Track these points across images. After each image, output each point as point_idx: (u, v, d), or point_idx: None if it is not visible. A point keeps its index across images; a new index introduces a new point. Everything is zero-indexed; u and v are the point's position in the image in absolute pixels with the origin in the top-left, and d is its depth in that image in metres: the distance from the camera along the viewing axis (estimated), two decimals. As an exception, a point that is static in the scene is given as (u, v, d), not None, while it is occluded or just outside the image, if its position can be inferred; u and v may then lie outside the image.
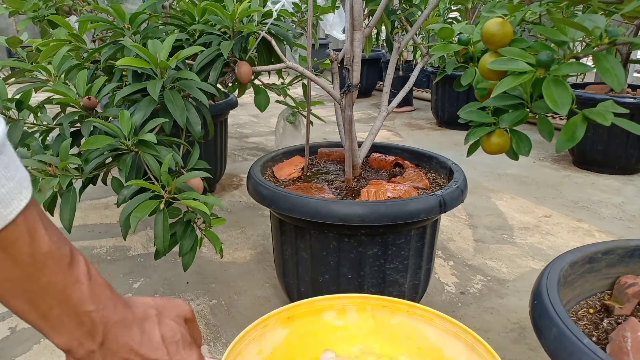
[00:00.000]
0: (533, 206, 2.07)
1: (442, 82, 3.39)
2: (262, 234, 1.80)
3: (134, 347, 0.41)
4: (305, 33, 1.50)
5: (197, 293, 1.41)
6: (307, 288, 1.18)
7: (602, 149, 2.42)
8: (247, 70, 1.11)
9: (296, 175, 1.30)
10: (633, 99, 2.28)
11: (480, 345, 0.67)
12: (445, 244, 1.74)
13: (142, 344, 0.41)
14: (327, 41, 5.91)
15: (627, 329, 0.70)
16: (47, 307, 0.36)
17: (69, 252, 0.37)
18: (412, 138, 3.23)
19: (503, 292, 1.43)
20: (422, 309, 0.76)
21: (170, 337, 0.44)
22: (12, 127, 0.97)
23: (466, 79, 0.96)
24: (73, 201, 0.93)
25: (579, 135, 0.69)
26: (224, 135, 2.17)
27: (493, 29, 0.76)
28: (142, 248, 1.69)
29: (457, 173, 1.20)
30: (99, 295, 0.39)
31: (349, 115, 1.18)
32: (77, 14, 1.60)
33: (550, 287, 0.71)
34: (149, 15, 1.18)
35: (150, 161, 0.93)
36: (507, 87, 0.68)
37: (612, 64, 0.64)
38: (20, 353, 1.16)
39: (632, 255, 0.85)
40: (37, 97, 3.60)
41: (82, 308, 0.37)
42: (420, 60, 1.32)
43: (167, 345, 0.43)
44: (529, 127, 1.29)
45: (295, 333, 0.76)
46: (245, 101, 4.10)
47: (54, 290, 0.36)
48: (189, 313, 0.47)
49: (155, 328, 0.43)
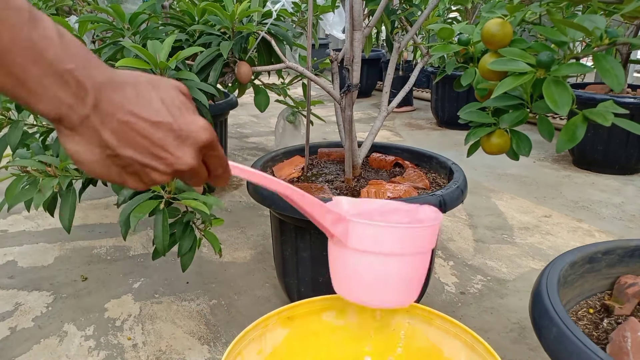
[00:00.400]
0: (533, 206, 2.07)
1: (442, 82, 3.39)
2: (262, 234, 1.80)
3: (133, 109, 0.37)
4: (305, 33, 1.50)
5: (197, 293, 1.41)
6: (307, 288, 1.18)
7: (602, 149, 2.42)
8: (247, 71, 1.11)
9: (296, 175, 1.30)
10: (633, 99, 2.28)
11: (480, 345, 0.67)
12: (445, 244, 1.74)
13: (140, 105, 0.37)
14: (327, 41, 5.91)
15: (627, 329, 0.70)
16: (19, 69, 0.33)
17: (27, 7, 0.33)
18: (412, 138, 3.23)
19: (503, 292, 1.43)
20: (422, 309, 0.76)
21: (170, 100, 0.39)
22: (12, 128, 0.97)
23: (466, 80, 0.96)
24: (73, 201, 0.93)
25: (579, 136, 0.69)
26: (224, 135, 2.17)
27: (493, 30, 0.76)
28: (142, 248, 1.69)
29: (457, 173, 1.20)
30: (77, 54, 0.35)
31: (349, 115, 1.18)
32: (77, 14, 1.60)
33: (550, 287, 0.71)
34: (149, 15, 1.18)
35: (151, 161, 0.93)
36: (507, 88, 0.68)
37: (611, 64, 0.64)
38: (20, 353, 1.16)
39: (632, 255, 0.85)
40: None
41: (60, 66, 0.34)
42: (420, 60, 1.32)
43: (169, 108, 0.39)
44: (529, 127, 1.29)
45: (295, 333, 0.76)
46: (245, 101, 4.10)
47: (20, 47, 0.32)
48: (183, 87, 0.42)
49: (151, 90, 0.39)
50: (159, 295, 1.40)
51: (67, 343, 1.20)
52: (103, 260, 1.60)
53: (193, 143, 0.40)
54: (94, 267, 1.56)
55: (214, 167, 0.44)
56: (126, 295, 1.40)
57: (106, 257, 1.63)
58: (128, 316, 1.31)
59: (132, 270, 1.54)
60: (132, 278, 1.49)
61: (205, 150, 0.42)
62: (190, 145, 0.40)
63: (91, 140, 0.37)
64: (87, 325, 1.27)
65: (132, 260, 1.61)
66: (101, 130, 0.37)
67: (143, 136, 0.38)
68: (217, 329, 1.26)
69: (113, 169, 0.39)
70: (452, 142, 3.11)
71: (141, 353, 1.16)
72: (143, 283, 1.47)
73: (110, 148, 0.37)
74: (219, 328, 1.26)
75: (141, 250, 1.67)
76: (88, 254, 1.65)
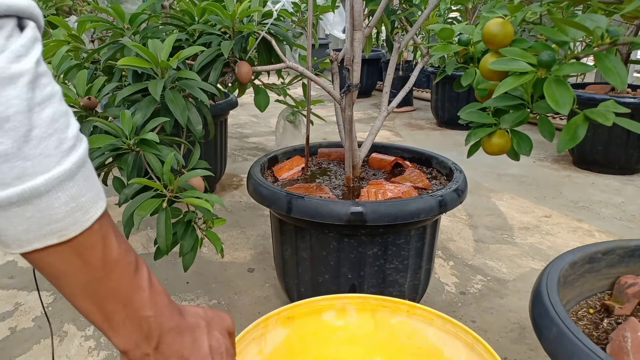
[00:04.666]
0: (533, 206, 2.07)
1: (442, 82, 3.39)
2: (262, 234, 1.80)
3: (185, 354, 0.43)
4: (305, 33, 1.50)
5: (197, 293, 1.41)
6: (307, 288, 1.18)
7: (602, 149, 2.42)
8: (247, 70, 1.11)
9: (296, 175, 1.30)
10: (633, 99, 2.28)
11: (480, 345, 0.67)
12: (445, 244, 1.74)
13: (192, 351, 0.44)
14: (327, 41, 5.91)
15: (627, 329, 0.70)
16: (111, 310, 0.38)
17: (134, 260, 0.40)
18: (412, 138, 3.23)
19: (503, 292, 1.43)
20: (422, 309, 0.76)
21: (217, 348, 0.46)
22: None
23: (466, 80, 0.95)
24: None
25: (580, 135, 0.69)
26: (224, 135, 2.17)
27: (494, 29, 0.76)
28: (142, 248, 1.69)
29: (457, 173, 1.20)
30: (158, 302, 0.42)
31: (349, 115, 1.18)
32: (77, 14, 1.60)
33: (550, 287, 0.71)
34: (149, 15, 1.18)
35: (152, 160, 0.93)
36: (508, 88, 0.68)
37: (613, 62, 0.64)
38: (20, 353, 1.16)
39: (632, 255, 0.85)
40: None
41: (142, 312, 0.40)
42: (421, 61, 1.32)
43: (214, 356, 0.45)
44: (529, 127, 1.29)
45: (295, 333, 0.76)
46: (245, 101, 4.10)
47: (119, 294, 0.38)
48: (232, 327, 0.50)
49: (205, 338, 0.45)
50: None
51: (67, 343, 1.20)
52: (103, 260, 1.60)
53: None
54: (94, 267, 1.55)
55: None
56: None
57: (106, 257, 1.63)
58: (128, 316, 1.30)
59: (132, 270, 1.54)
60: (132, 278, 1.49)
61: None
62: None
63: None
64: (87, 325, 1.26)
65: (132, 260, 1.61)
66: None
67: None
68: (217, 328, 1.26)
69: None
70: (452, 142, 3.11)
71: (141, 353, 1.16)
72: (143, 283, 1.46)
73: None
74: (219, 328, 1.26)
75: (141, 250, 1.67)
76: (88, 253, 1.64)
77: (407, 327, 0.77)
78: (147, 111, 0.97)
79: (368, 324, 0.79)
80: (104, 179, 1.11)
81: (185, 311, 0.45)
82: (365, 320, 0.79)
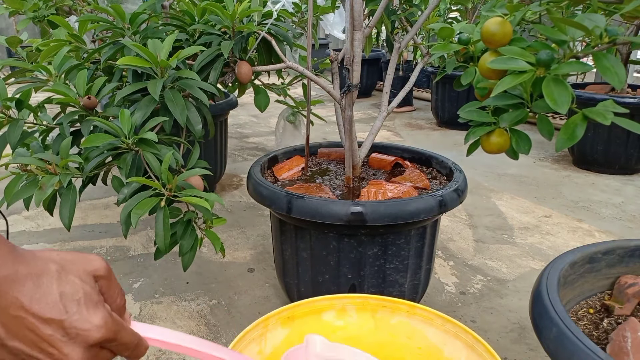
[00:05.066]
0: (533, 206, 2.07)
1: (442, 82, 3.39)
2: (262, 234, 1.80)
3: (25, 304, 0.38)
4: (305, 33, 1.50)
5: (197, 293, 1.41)
6: (307, 288, 1.18)
7: (602, 149, 2.42)
8: (247, 70, 1.11)
9: (296, 175, 1.30)
10: (633, 99, 2.28)
11: (480, 345, 0.67)
12: (445, 244, 1.74)
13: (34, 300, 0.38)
14: (327, 41, 5.91)
15: (627, 329, 0.70)
16: None
17: None
18: (412, 138, 3.23)
19: (503, 292, 1.43)
20: (422, 309, 0.76)
21: (71, 294, 0.40)
22: (11, 126, 0.97)
23: (466, 79, 0.95)
24: (73, 199, 0.93)
25: (578, 134, 0.69)
26: (224, 136, 2.17)
27: (493, 29, 0.76)
28: (142, 248, 1.69)
29: (457, 173, 1.20)
30: None
31: (349, 115, 1.18)
32: (77, 14, 1.60)
33: (550, 287, 0.71)
34: (149, 15, 1.18)
35: (151, 159, 0.93)
36: (507, 87, 0.68)
37: (612, 62, 0.64)
38: (20, 353, 1.16)
39: (632, 255, 0.85)
40: (37, 97, 3.60)
41: None
42: (421, 60, 1.32)
43: (66, 303, 0.40)
44: (529, 126, 1.29)
45: (295, 333, 0.76)
46: (245, 101, 4.10)
47: None
48: (102, 270, 0.43)
49: (53, 284, 0.40)
50: (159, 296, 1.40)
51: (67, 343, 1.20)
52: (103, 260, 1.60)
53: (82, 341, 0.40)
54: (94, 267, 1.55)
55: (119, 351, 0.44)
56: (126, 295, 1.40)
57: (106, 257, 1.63)
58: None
59: (132, 270, 1.54)
60: (132, 278, 1.49)
61: (103, 344, 0.42)
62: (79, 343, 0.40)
63: None
64: (87, 325, 1.26)
65: (132, 260, 1.61)
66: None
67: (31, 330, 0.38)
68: (217, 329, 1.26)
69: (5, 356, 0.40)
70: (452, 142, 3.11)
71: (141, 353, 1.16)
72: (143, 283, 1.47)
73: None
74: (219, 328, 1.26)
75: (141, 250, 1.67)
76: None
77: (407, 327, 0.77)
78: (146, 111, 0.97)
79: (368, 324, 0.79)
80: (103, 179, 1.11)
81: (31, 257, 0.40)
82: (365, 321, 0.79)
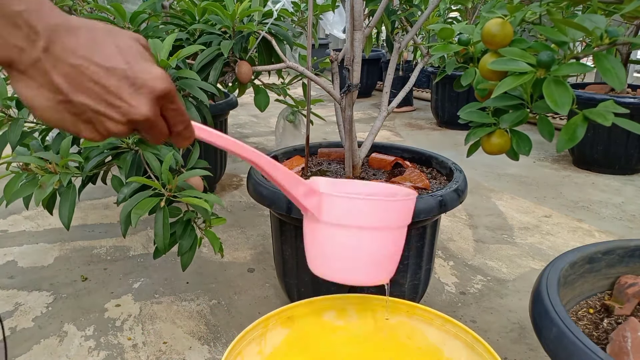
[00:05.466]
0: (533, 206, 2.07)
1: (442, 82, 3.39)
2: (262, 234, 1.80)
3: (85, 54, 0.36)
4: (305, 32, 1.50)
5: (197, 293, 1.41)
6: (307, 288, 1.18)
7: (602, 149, 2.42)
8: (248, 70, 1.11)
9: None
10: (633, 99, 2.28)
11: (480, 345, 0.67)
12: (445, 244, 1.74)
13: (93, 50, 0.37)
14: (327, 41, 5.91)
15: (627, 329, 0.70)
16: None
17: None
18: (412, 138, 3.23)
19: (503, 292, 1.43)
20: (422, 309, 0.76)
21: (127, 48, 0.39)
22: (12, 126, 0.97)
23: (466, 80, 0.95)
24: (72, 198, 0.93)
25: (579, 135, 0.69)
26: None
27: (493, 30, 0.76)
28: (142, 248, 1.69)
29: (457, 173, 1.20)
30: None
31: (349, 115, 1.18)
32: (77, 14, 1.60)
33: (550, 287, 0.71)
34: (149, 14, 1.18)
35: (151, 159, 0.93)
36: (507, 88, 0.68)
37: (612, 63, 0.64)
38: (20, 353, 1.16)
39: (632, 255, 0.85)
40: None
41: (9, 8, 0.33)
42: (421, 61, 1.32)
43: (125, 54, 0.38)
44: (529, 127, 1.29)
45: (295, 333, 0.76)
46: (245, 101, 4.10)
47: None
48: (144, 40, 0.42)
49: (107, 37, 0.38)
50: (159, 296, 1.40)
51: (67, 343, 1.20)
52: (103, 260, 1.60)
53: (149, 92, 0.39)
54: (94, 267, 1.56)
55: (173, 122, 0.43)
56: (126, 295, 1.40)
57: (106, 257, 1.63)
58: (128, 316, 1.30)
59: (132, 270, 1.54)
60: (132, 278, 1.49)
61: (163, 102, 0.41)
62: (146, 94, 0.39)
63: (43, 84, 0.36)
64: (87, 325, 1.27)
65: (132, 260, 1.61)
66: (52, 74, 0.36)
67: (95, 82, 0.37)
68: (217, 329, 1.26)
69: (67, 116, 0.38)
70: (452, 142, 3.11)
71: (141, 353, 1.16)
72: (143, 283, 1.47)
73: (62, 93, 0.37)
74: (219, 328, 1.26)
75: (141, 250, 1.67)
76: (88, 254, 1.65)
77: (407, 327, 0.77)
78: (147, 111, 0.97)
79: (368, 324, 0.79)
80: (103, 178, 1.11)
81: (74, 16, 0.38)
82: (365, 320, 0.79)
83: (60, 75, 0.36)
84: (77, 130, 0.40)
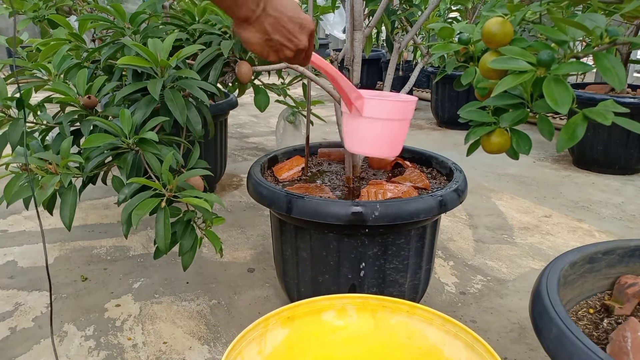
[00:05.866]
0: (533, 206, 2.07)
1: (442, 82, 3.39)
2: (262, 234, 1.80)
3: (282, 9, 0.63)
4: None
5: (197, 293, 1.41)
6: (307, 288, 1.18)
7: (602, 149, 2.42)
8: (248, 70, 1.11)
9: (296, 175, 1.30)
10: (633, 99, 2.28)
11: (480, 345, 0.67)
12: (445, 244, 1.74)
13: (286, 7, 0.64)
14: (327, 41, 5.91)
15: (627, 329, 0.70)
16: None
17: None
18: (412, 138, 3.23)
19: (503, 292, 1.43)
20: (422, 309, 0.76)
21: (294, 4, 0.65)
22: (12, 126, 0.97)
23: (466, 79, 0.95)
24: (73, 199, 0.92)
25: (579, 135, 0.69)
26: (224, 135, 2.17)
27: (493, 29, 0.76)
28: (142, 248, 1.69)
29: (457, 173, 1.20)
30: None
31: (349, 115, 1.18)
32: (77, 14, 1.60)
33: (550, 287, 0.71)
34: (149, 15, 1.18)
35: (152, 159, 0.93)
36: (507, 86, 0.68)
37: (612, 62, 0.64)
38: (20, 353, 1.16)
39: (632, 255, 0.85)
40: (37, 96, 3.60)
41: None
42: (421, 60, 1.32)
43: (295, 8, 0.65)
44: (529, 126, 1.29)
45: (295, 333, 0.76)
46: (245, 101, 4.10)
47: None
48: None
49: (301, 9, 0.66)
50: (159, 296, 1.40)
51: (67, 343, 1.20)
52: (103, 260, 1.60)
53: (307, 31, 0.68)
54: (94, 267, 1.56)
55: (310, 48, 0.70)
56: (126, 295, 1.40)
57: (106, 257, 1.63)
58: (128, 316, 1.30)
59: (132, 270, 1.54)
60: (132, 278, 1.49)
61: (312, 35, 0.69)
62: (307, 32, 0.68)
63: (259, 30, 0.64)
64: (87, 325, 1.27)
65: (132, 260, 1.61)
66: (265, 23, 0.64)
67: (283, 26, 0.64)
68: (217, 329, 1.26)
69: (266, 48, 0.67)
70: (452, 142, 3.11)
71: (141, 353, 1.16)
72: (143, 283, 1.47)
73: (267, 34, 0.65)
74: (219, 328, 1.26)
75: (141, 250, 1.67)
76: (88, 254, 1.65)
77: (407, 327, 0.77)
78: (146, 110, 0.97)
79: (368, 324, 0.79)
80: (103, 178, 1.11)
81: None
82: (365, 321, 0.79)
83: (268, 23, 0.64)
84: (266, 55, 0.67)
